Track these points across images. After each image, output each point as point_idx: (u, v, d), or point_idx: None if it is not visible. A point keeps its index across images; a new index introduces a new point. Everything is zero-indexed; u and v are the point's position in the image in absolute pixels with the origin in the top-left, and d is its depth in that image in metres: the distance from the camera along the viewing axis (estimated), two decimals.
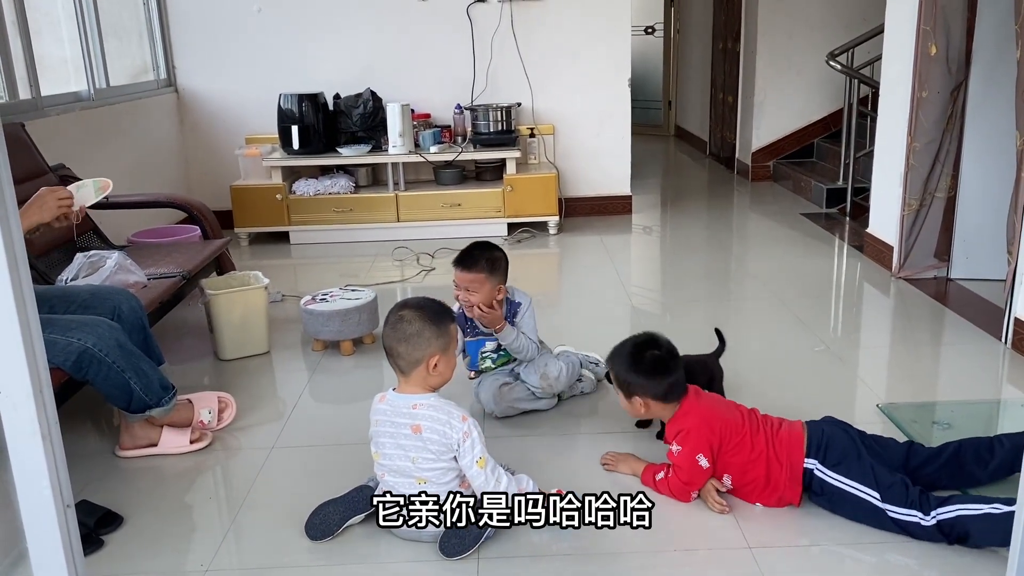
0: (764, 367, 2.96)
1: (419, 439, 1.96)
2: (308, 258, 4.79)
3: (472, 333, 2.63)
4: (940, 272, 3.92)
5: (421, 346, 1.97)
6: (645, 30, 8.74)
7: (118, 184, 4.04)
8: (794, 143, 6.36)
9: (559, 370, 2.63)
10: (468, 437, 1.95)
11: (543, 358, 2.65)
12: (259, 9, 5.05)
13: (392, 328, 2.00)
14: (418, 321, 1.97)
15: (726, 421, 2.14)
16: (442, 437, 1.95)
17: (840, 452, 2.05)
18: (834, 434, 2.10)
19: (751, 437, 2.12)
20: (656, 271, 4.69)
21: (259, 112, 5.09)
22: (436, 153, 4.91)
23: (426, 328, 1.97)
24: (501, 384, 2.59)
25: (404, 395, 2.01)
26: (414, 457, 1.97)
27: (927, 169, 3.78)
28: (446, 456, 1.96)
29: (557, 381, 2.62)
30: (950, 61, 3.61)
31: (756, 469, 2.10)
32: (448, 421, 1.96)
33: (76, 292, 2.53)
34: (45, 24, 4.15)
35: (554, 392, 2.66)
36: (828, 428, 2.13)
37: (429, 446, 1.95)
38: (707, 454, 2.11)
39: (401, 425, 1.98)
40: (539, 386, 2.61)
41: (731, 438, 2.12)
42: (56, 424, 1.20)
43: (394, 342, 1.99)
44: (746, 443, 2.11)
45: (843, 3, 5.96)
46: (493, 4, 5.07)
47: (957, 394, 2.82)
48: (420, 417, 1.97)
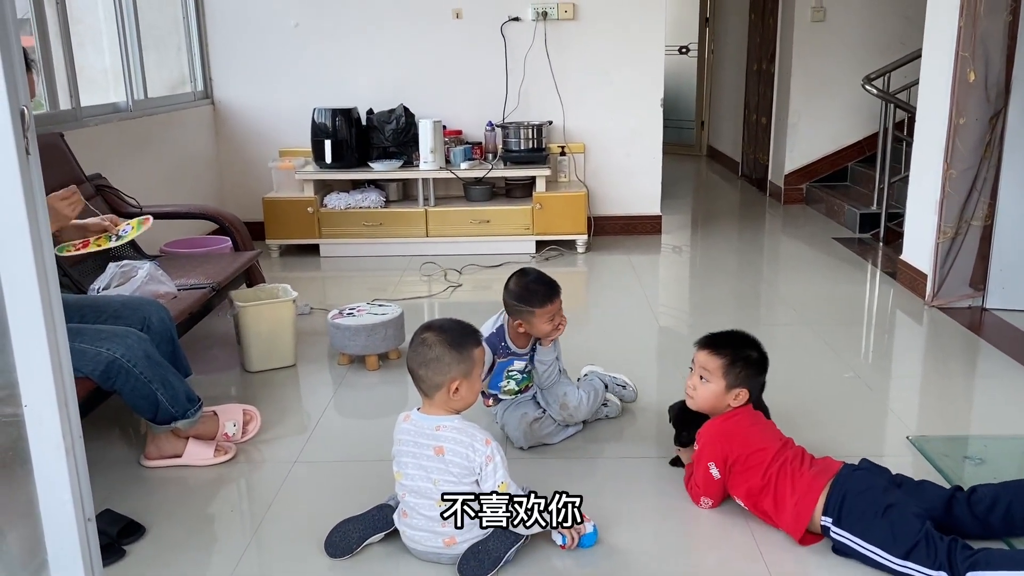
0: (792, 394, 2.92)
1: (441, 461, 1.95)
2: (337, 271, 4.82)
3: (503, 354, 2.60)
4: (975, 301, 3.85)
5: (441, 371, 1.97)
6: (679, 50, 8.73)
7: (153, 194, 4.12)
8: (828, 166, 6.30)
9: (578, 400, 2.61)
10: (491, 461, 1.94)
11: (561, 386, 2.63)
12: (296, 24, 5.12)
13: (414, 351, 2.00)
14: (439, 346, 1.97)
15: (747, 439, 2.13)
16: (464, 460, 1.94)
17: (859, 512, 1.96)
18: (858, 489, 2.00)
19: (765, 468, 2.08)
20: (684, 292, 4.65)
21: (293, 125, 5.14)
22: (466, 169, 4.93)
23: (446, 353, 1.97)
24: (532, 420, 2.56)
25: (428, 416, 2.01)
26: (436, 479, 1.96)
27: (963, 197, 3.73)
28: (467, 479, 1.95)
29: (577, 410, 2.61)
30: (989, 88, 3.56)
31: (763, 500, 2.08)
32: (471, 444, 1.95)
33: (107, 302, 2.57)
34: (87, 35, 4.24)
35: (576, 421, 2.64)
36: (855, 482, 2.02)
37: (451, 468, 1.95)
38: (719, 465, 2.12)
39: (424, 446, 1.98)
40: (561, 417, 2.60)
41: (746, 459, 2.10)
42: (80, 438, 1.21)
43: (415, 365, 1.99)
44: (757, 470, 2.08)
45: (881, 26, 5.91)
46: (527, 23, 5.09)
47: (990, 428, 2.76)
48: (443, 439, 1.96)
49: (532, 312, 2.47)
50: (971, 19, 3.53)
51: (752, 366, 2.23)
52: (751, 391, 2.22)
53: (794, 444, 2.18)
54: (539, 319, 2.48)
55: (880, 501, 1.95)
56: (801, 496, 2.03)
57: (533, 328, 2.51)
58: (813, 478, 2.05)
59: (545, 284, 2.51)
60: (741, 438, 2.14)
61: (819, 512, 2.01)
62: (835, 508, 1.99)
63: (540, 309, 2.47)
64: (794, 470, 2.07)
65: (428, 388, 1.99)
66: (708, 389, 2.23)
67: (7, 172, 1.03)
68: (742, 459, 2.11)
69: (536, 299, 2.48)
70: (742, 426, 2.17)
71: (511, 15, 5.08)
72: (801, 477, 2.06)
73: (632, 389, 2.87)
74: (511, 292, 2.52)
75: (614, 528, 2.14)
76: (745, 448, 2.12)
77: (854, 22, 5.96)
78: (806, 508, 2.02)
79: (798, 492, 2.03)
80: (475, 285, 4.43)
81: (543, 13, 5.06)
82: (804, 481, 2.05)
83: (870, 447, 2.55)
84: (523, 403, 2.65)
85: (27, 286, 1.07)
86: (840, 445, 2.50)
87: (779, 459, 2.09)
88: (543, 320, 2.49)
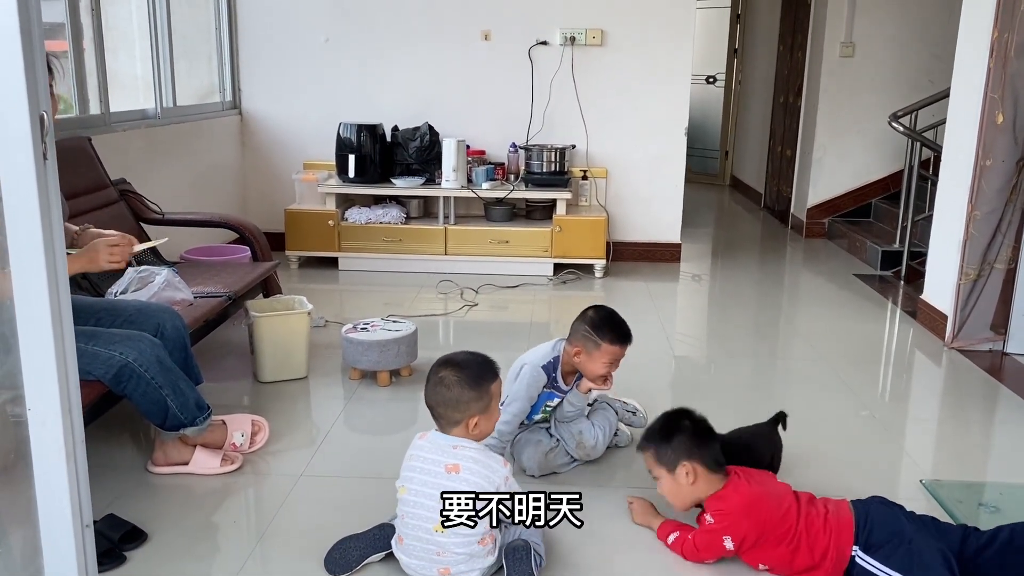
0: (806, 430, 2.87)
1: (451, 479, 1.94)
2: (355, 285, 4.83)
3: (551, 385, 2.56)
4: (996, 345, 3.79)
5: (460, 410, 1.98)
6: (707, 79, 8.73)
7: (176, 201, 4.16)
8: (851, 202, 6.25)
9: (595, 439, 2.59)
10: (508, 481, 1.97)
11: (578, 424, 2.61)
12: (327, 39, 5.17)
13: (433, 389, 2.00)
14: (457, 387, 1.97)
15: (772, 515, 2.03)
16: (484, 480, 1.94)
17: (884, 537, 1.94)
18: (881, 517, 1.98)
19: (793, 532, 2.01)
20: (701, 322, 4.62)
21: (318, 139, 5.18)
22: (488, 189, 4.94)
23: (464, 392, 1.97)
24: (547, 451, 2.55)
25: (447, 436, 2.02)
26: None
27: (987, 238, 3.68)
28: None
29: (594, 449, 2.60)
30: (1017, 130, 3.53)
31: (798, 559, 2.01)
32: (490, 465, 1.97)
33: (123, 307, 2.58)
34: (121, 42, 4.30)
35: (592, 458, 2.64)
36: (875, 509, 2.01)
37: (463, 488, 1.93)
38: (736, 541, 2.03)
39: (436, 462, 1.97)
40: (577, 454, 2.59)
41: (773, 531, 2.02)
42: (82, 443, 1.21)
43: (434, 403, 2.01)
44: (787, 537, 2.01)
45: (909, 64, 5.88)
46: (555, 47, 5.11)
47: (1007, 476, 2.71)
48: (460, 457, 1.96)
49: (598, 345, 2.43)
50: (1001, 60, 3.50)
51: (686, 436, 2.12)
52: (701, 461, 2.10)
53: (795, 493, 2.11)
54: (601, 355, 2.44)
55: (905, 530, 1.94)
56: (838, 540, 1.98)
57: (590, 361, 2.46)
58: (837, 519, 2.01)
59: (625, 327, 2.48)
60: (766, 513, 2.03)
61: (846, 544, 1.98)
62: (862, 534, 1.96)
63: (608, 346, 2.43)
64: (816, 520, 2.02)
65: (446, 424, 2.01)
66: (664, 486, 2.16)
67: (24, 177, 1.04)
68: (768, 532, 2.02)
69: (610, 334, 2.44)
70: (761, 500, 2.05)
71: (539, 39, 5.10)
72: (827, 521, 2.00)
73: (642, 415, 2.84)
74: (588, 319, 2.48)
75: (624, 556, 2.13)
76: (770, 521, 2.02)
77: (883, 58, 5.94)
78: (846, 548, 1.97)
79: (833, 537, 1.99)
80: (491, 305, 4.43)
81: (571, 38, 5.08)
82: (831, 525, 2.00)
83: (883, 488, 2.48)
84: (536, 431, 2.63)
85: (37, 290, 1.07)
86: (852, 485, 2.46)
87: (799, 517, 2.03)
88: (603, 358, 2.44)
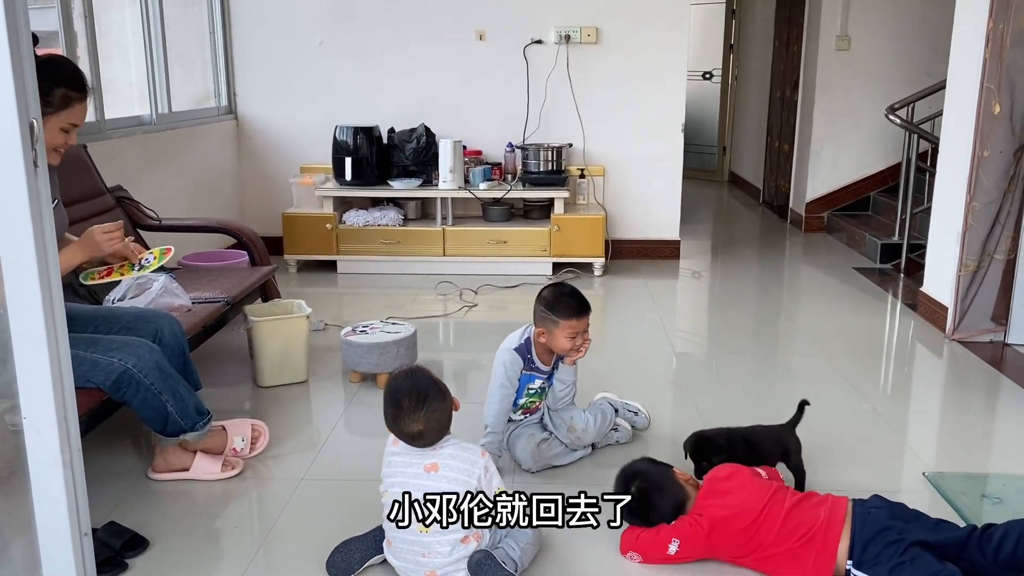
0: (808, 425, 2.86)
1: (431, 478, 1.95)
2: (353, 287, 4.82)
3: (528, 366, 2.57)
4: (996, 336, 3.78)
5: (447, 422, 2.01)
6: (703, 75, 8.73)
7: (173, 206, 4.15)
8: (850, 195, 6.25)
9: (585, 422, 2.60)
10: (488, 472, 1.98)
11: (568, 411, 2.62)
12: (321, 42, 5.17)
13: (424, 417, 1.96)
14: (439, 407, 1.97)
15: (733, 537, 2.03)
16: (464, 475, 1.95)
17: (878, 549, 1.92)
18: (878, 529, 1.95)
19: (767, 541, 2.01)
20: (702, 319, 4.61)
21: (315, 142, 5.18)
22: (485, 190, 4.93)
23: (445, 406, 1.99)
24: (539, 442, 2.55)
25: None
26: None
27: (986, 230, 3.68)
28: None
29: (585, 433, 2.59)
30: (1014, 120, 3.52)
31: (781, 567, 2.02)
32: (468, 458, 1.98)
33: (122, 314, 2.57)
34: (115, 49, 4.30)
35: (584, 444, 2.63)
36: (873, 519, 1.98)
37: (443, 485, 1.93)
38: (684, 553, 2.05)
39: (414, 464, 1.98)
40: (568, 439, 2.58)
41: (739, 545, 2.03)
42: (79, 452, 1.20)
43: (426, 429, 1.97)
44: (758, 546, 2.02)
45: (906, 56, 5.88)
46: (550, 45, 5.10)
47: (1010, 467, 2.70)
48: (439, 456, 1.97)
49: (556, 322, 2.45)
50: (997, 51, 3.49)
51: (660, 512, 2.11)
52: (663, 517, 2.10)
53: (782, 503, 2.07)
54: (561, 331, 2.46)
55: (902, 542, 1.91)
56: (820, 550, 1.97)
57: (553, 339, 2.48)
58: (826, 524, 1.99)
59: (576, 299, 2.49)
60: (725, 541, 2.04)
61: (843, 556, 1.96)
62: (859, 551, 1.94)
63: (564, 321, 2.45)
64: (804, 531, 2.01)
65: (433, 442, 2.00)
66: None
67: (14, 184, 1.03)
68: (732, 550, 2.04)
69: (563, 310, 2.46)
70: (725, 524, 2.04)
71: (534, 38, 5.10)
72: (815, 534, 1.99)
73: (645, 416, 2.84)
74: (542, 299, 2.51)
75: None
76: (730, 544, 2.04)
77: (879, 51, 5.93)
78: (829, 557, 1.97)
79: (814, 558, 1.98)
80: (490, 305, 4.42)
81: (566, 36, 5.07)
82: (816, 541, 1.99)
83: (886, 482, 2.50)
84: (529, 425, 2.63)
85: (30, 298, 1.07)
86: (855, 479, 2.46)
87: (778, 529, 2.02)
88: (564, 334, 2.46)
